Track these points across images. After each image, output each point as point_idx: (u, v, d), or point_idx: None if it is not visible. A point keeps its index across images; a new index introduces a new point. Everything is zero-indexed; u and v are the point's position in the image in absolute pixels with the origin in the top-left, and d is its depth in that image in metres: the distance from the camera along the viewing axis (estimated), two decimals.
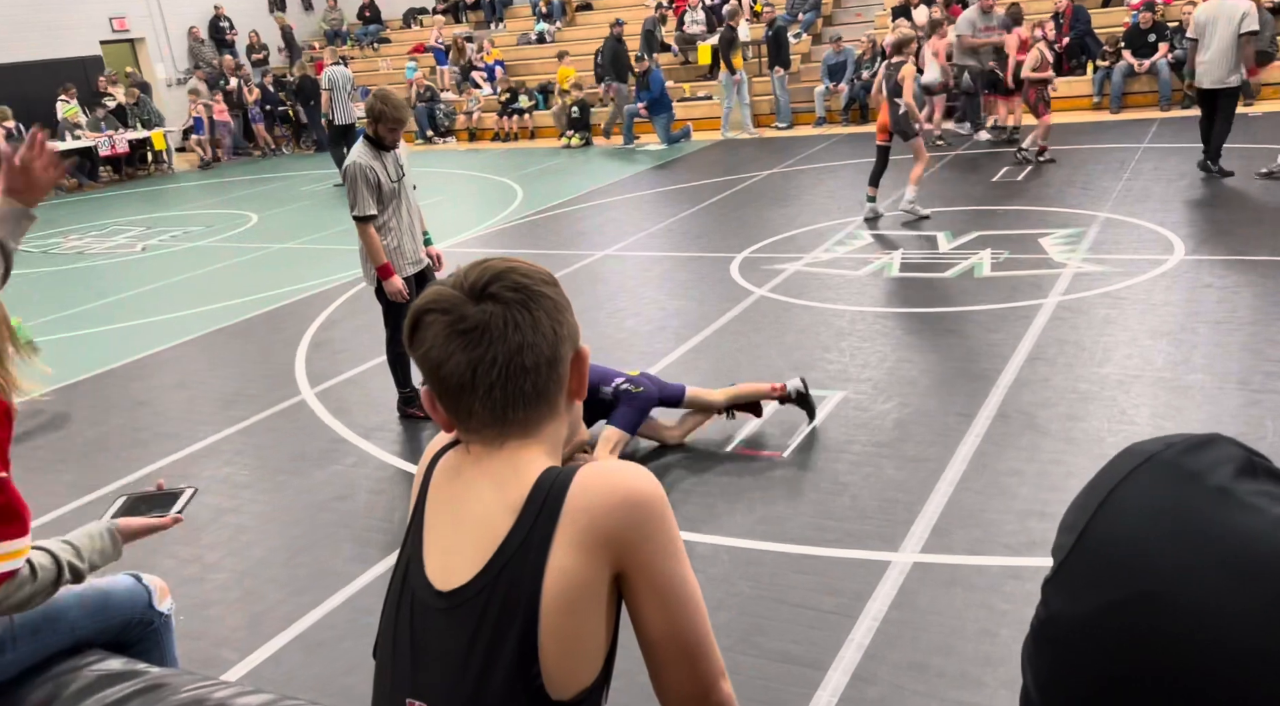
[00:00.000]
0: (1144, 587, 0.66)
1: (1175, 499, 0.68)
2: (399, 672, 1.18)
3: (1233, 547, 0.65)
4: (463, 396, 1.18)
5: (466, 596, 1.14)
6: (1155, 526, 0.68)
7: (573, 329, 1.24)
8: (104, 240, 10.89)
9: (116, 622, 1.93)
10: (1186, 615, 0.64)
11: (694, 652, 1.18)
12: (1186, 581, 0.65)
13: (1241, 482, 0.68)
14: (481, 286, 1.18)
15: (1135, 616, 0.67)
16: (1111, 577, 0.68)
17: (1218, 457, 0.70)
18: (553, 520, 1.13)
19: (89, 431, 5.27)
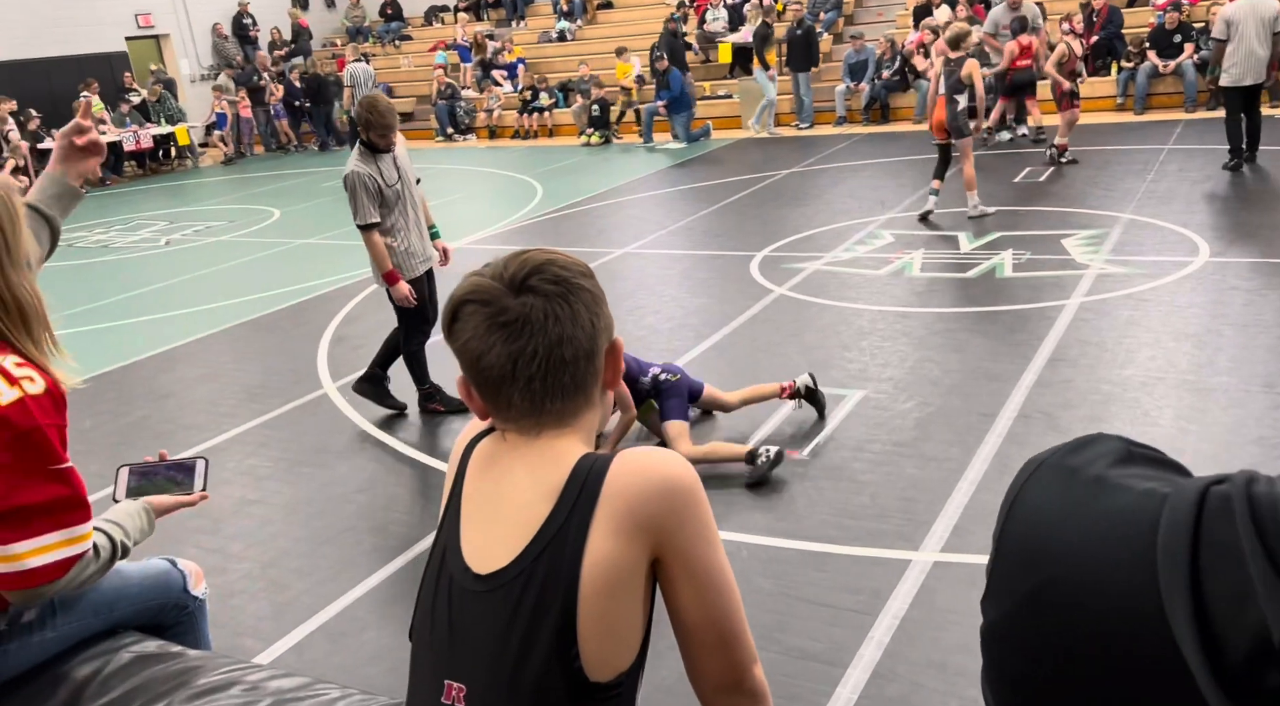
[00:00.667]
0: (1044, 577, 0.75)
1: (1060, 494, 0.77)
2: (437, 655, 1.20)
3: (1107, 523, 0.73)
4: (502, 387, 1.19)
5: (505, 579, 1.16)
6: (1047, 521, 0.77)
7: (608, 321, 1.26)
8: (128, 234, 11.00)
9: (154, 605, 1.97)
10: (1080, 591, 0.72)
11: (728, 638, 1.20)
12: (1075, 562, 0.73)
13: (1115, 470, 0.76)
14: (522, 279, 1.19)
15: (1043, 604, 0.75)
16: (1020, 575, 0.77)
17: (1096, 452, 0.78)
18: (591, 505, 1.15)
19: (114, 423, 5.33)
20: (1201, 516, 0.68)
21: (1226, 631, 0.65)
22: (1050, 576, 0.75)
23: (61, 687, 1.68)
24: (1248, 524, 0.65)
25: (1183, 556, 0.67)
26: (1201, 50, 12.30)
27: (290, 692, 1.60)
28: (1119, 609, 0.70)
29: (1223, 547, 0.66)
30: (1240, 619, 0.64)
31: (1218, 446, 3.86)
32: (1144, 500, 0.72)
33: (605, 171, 12.52)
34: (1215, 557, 0.66)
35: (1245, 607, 0.64)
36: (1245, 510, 0.66)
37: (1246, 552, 0.65)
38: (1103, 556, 0.72)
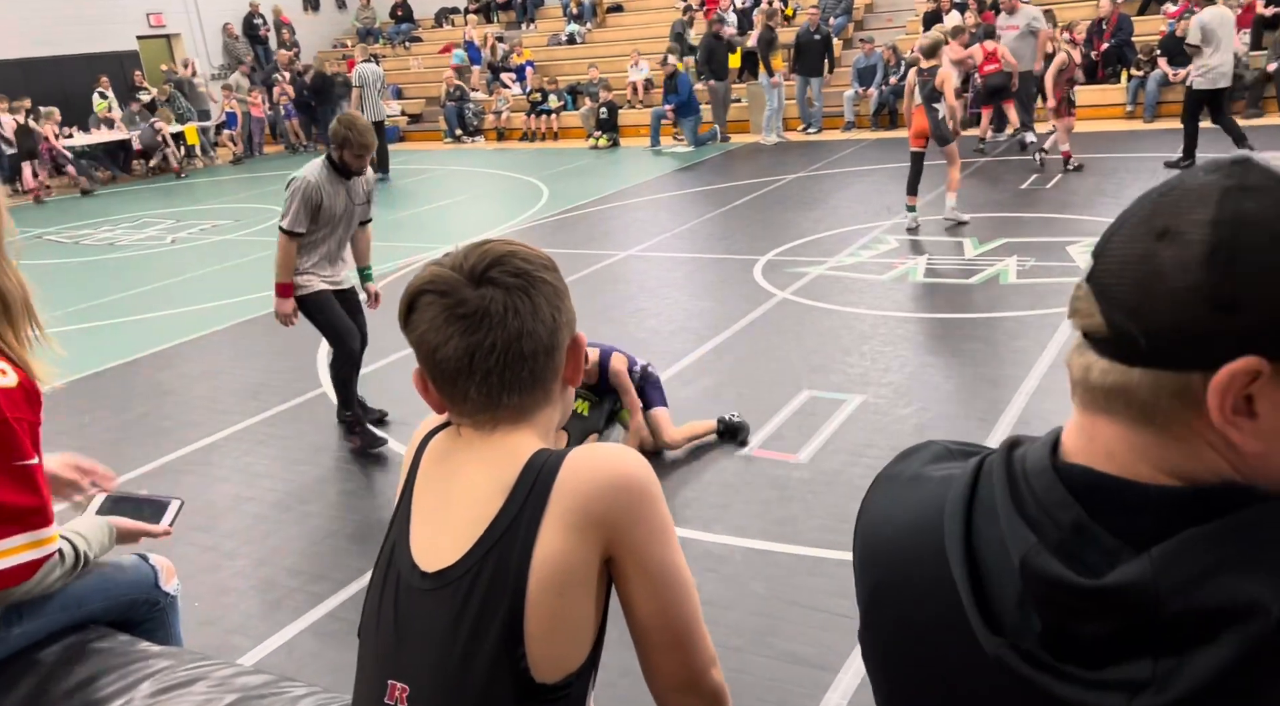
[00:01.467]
0: (876, 578, 0.82)
1: (887, 497, 0.84)
2: (382, 654, 1.18)
3: (913, 511, 0.80)
4: (458, 381, 1.17)
5: (452, 577, 1.13)
6: (875, 528, 0.83)
7: (570, 315, 1.23)
8: (135, 232, 11.03)
9: (123, 601, 1.95)
10: (898, 583, 0.78)
11: (684, 638, 1.17)
12: (892, 557, 0.80)
13: (930, 467, 0.83)
14: (482, 270, 1.16)
15: (877, 606, 0.81)
16: (862, 583, 0.84)
17: (920, 456, 0.86)
18: (543, 501, 1.12)
19: (113, 419, 5.33)
20: (977, 483, 0.76)
21: (995, 581, 0.71)
22: (878, 579, 0.82)
23: (24, 682, 1.67)
24: (1002, 480, 0.73)
25: (959, 520, 0.75)
26: None
27: (255, 689, 1.58)
28: (926, 588, 0.76)
29: (987, 506, 0.74)
30: (1004, 568, 0.70)
31: None
32: (941, 485, 0.79)
33: (612, 174, 12.52)
34: (984, 517, 0.74)
35: (1005, 557, 0.70)
36: (1002, 471, 0.74)
37: (999, 505, 0.72)
38: (911, 543, 0.78)
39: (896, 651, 0.80)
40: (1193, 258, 0.62)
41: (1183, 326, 0.63)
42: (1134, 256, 0.65)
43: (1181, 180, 0.67)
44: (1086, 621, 0.65)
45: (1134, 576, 0.63)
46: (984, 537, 0.73)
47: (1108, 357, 0.67)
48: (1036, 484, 0.71)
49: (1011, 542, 0.70)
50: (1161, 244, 0.64)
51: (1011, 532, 0.70)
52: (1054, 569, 0.66)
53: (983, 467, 0.77)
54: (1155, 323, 0.64)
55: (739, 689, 2.78)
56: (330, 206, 4.43)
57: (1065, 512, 0.68)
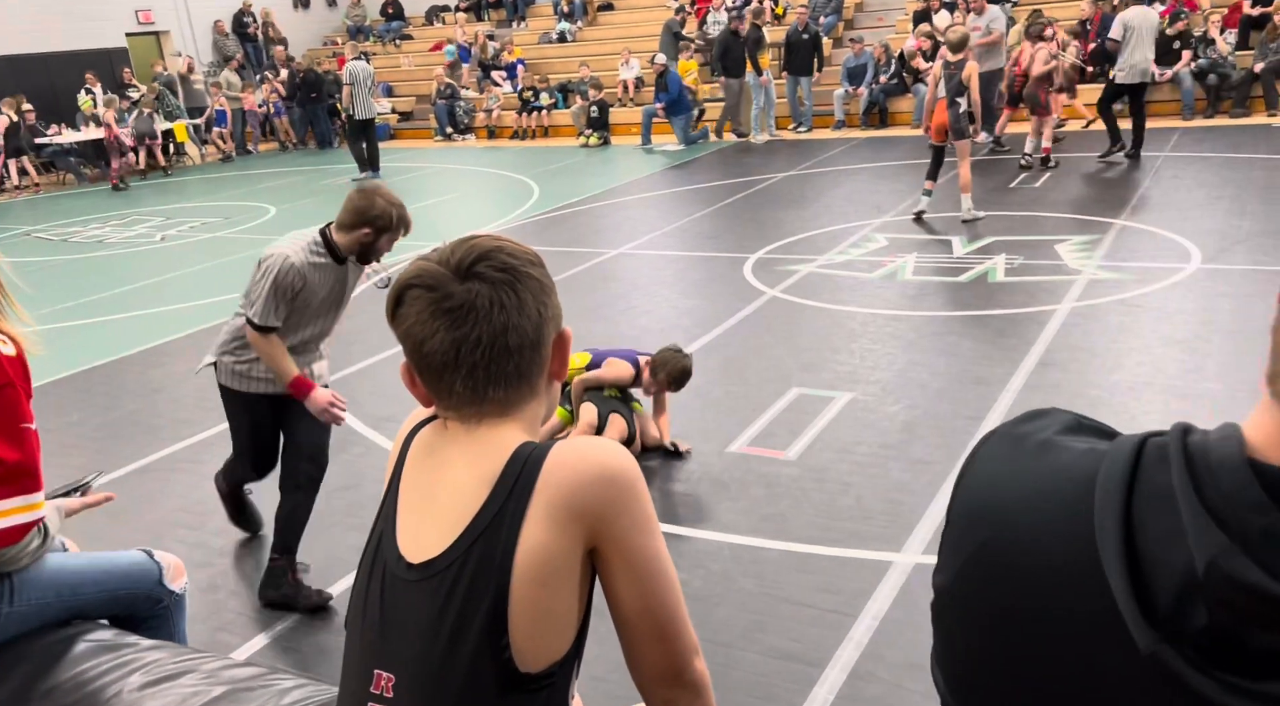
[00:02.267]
0: (982, 538, 0.77)
1: (1007, 459, 0.79)
2: (368, 644, 1.19)
3: (1047, 481, 0.75)
4: (444, 374, 1.18)
5: (437, 568, 1.15)
6: (991, 485, 0.79)
7: (557, 310, 1.24)
8: (123, 230, 10.99)
9: (123, 595, 1.95)
10: (1015, 548, 0.74)
11: (667, 629, 1.19)
12: (1013, 520, 0.75)
13: (1063, 436, 0.78)
14: (468, 265, 1.18)
15: (982, 566, 0.76)
16: (962, 540, 0.79)
17: (1046, 422, 0.81)
18: (527, 493, 1.14)
19: (102, 416, 5.32)
20: (1139, 465, 0.71)
21: (1156, 573, 0.67)
22: (988, 537, 0.76)
23: (14, 674, 1.67)
24: (1181, 468, 0.68)
25: (1117, 503, 0.69)
26: (1199, 59, 12.32)
27: (244, 681, 1.59)
28: (1055, 562, 0.71)
29: (1157, 493, 0.68)
30: (1170, 560, 0.66)
31: None
32: (1084, 457, 0.74)
33: (602, 172, 12.52)
34: (1149, 503, 0.68)
35: (1174, 549, 0.66)
36: (1180, 457, 0.69)
37: (1179, 495, 0.67)
38: (1040, 511, 0.74)
39: (1001, 621, 0.75)
40: None
41: None
42: None
43: None
44: (1269, 632, 0.63)
45: None
46: (1147, 525, 0.68)
47: None
48: (1226, 481, 0.66)
49: (1195, 538, 0.65)
50: None
51: (1196, 527, 0.65)
52: (1255, 576, 0.62)
53: (1144, 450, 0.72)
54: None
55: (728, 684, 2.80)
56: (311, 293, 3.27)
57: (1259, 516, 0.64)
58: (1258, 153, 9.04)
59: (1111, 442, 0.75)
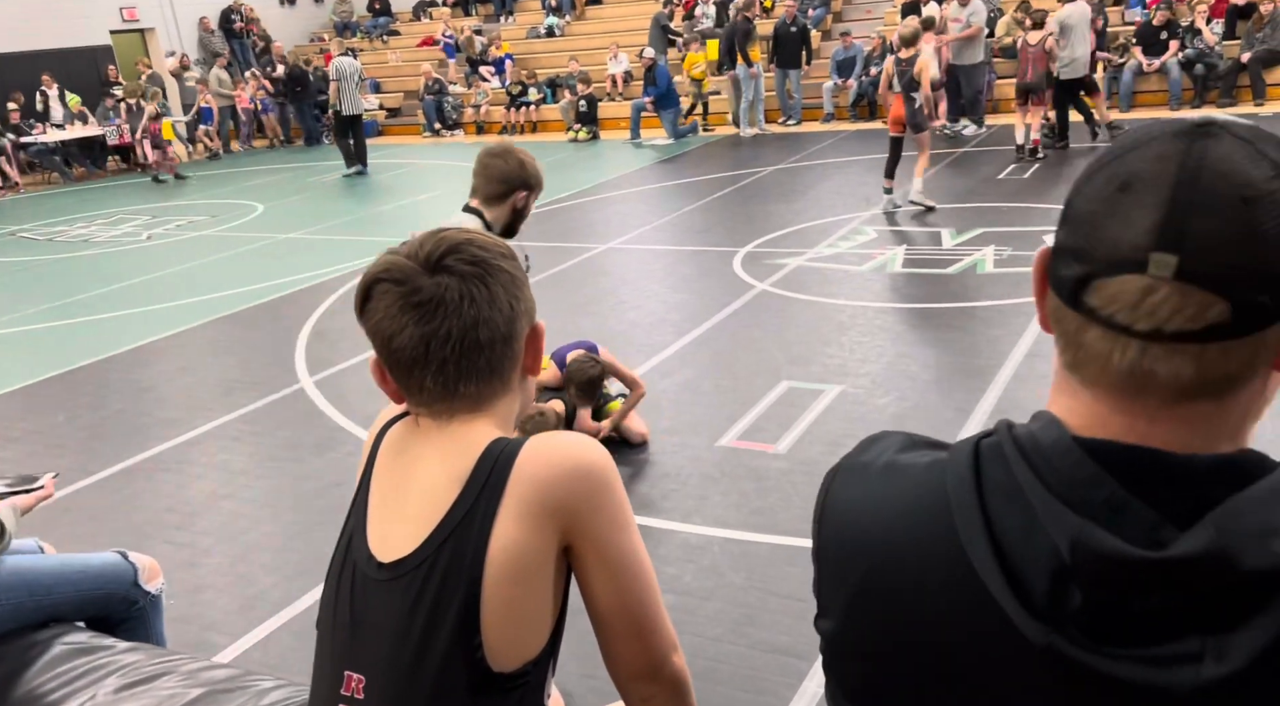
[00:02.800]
0: (862, 571, 0.78)
1: (859, 489, 0.81)
2: (338, 644, 1.18)
3: (903, 501, 0.77)
4: (414, 370, 1.16)
5: (408, 568, 1.13)
6: (853, 518, 0.80)
7: (529, 304, 1.22)
8: (110, 229, 10.92)
9: (98, 595, 1.93)
10: (897, 571, 0.75)
11: (644, 625, 1.17)
12: (886, 543, 0.77)
13: (902, 455, 0.82)
14: (438, 258, 1.15)
15: (868, 598, 0.78)
16: (841, 578, 0.80)
17: (883, 446, 0.84)
18: (499, 490, 1.12)
19: (88, 416, 5.29)
20: (980, 468, 0.74)
21: (1025, 566, 0.69)
22: (866, 568, 0.78)
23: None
24: (1020, 462, 0.71)
25: (972, 505, 0.72)
26: (1187, 49, 12.34)
27: (222, 683, 1.57)
28: (934, 576, 0.73)
29: (1003, 490, 0.71)
30: (1032, 548, 0.68)
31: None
32: (930, 471, 0.77)
33: (591, 167, 12.49)
34: (1000, 501, 0.71)
35: (1035, 540, 0.68)
36: (1014, 450, 0.72)
37: (1026, 488, 0.70)
38: (906, 531, 0.76)
39: (898, 646, 0.76)
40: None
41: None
42: (1232, 233, 0.65)
43: (1204, 160, 0.66)
44: (1144, 597, 0.65)
45: (1202, 544, 0.63)
46: (1001, 520, 0.70)
47: (1219, 340, 0.66)
48: (1061, 462, 0.70)
49: (1052, 523, 0.68)
50: (1254, 209, 0.64)
51: (1049, 513, 0.68)
52: (1115, 545, 0.65)
53: (980, 449, 0.74)
54: (1274, 280, 0.65)
55: (717, 678, 2.79)
56: None
57: (1098, 489, 0.67)
58: None
59: (949, 451, 0.77)
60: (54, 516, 4.13)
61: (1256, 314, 0.66)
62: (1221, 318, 0.65)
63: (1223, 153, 0.66)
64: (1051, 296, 0.75)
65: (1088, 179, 0.73)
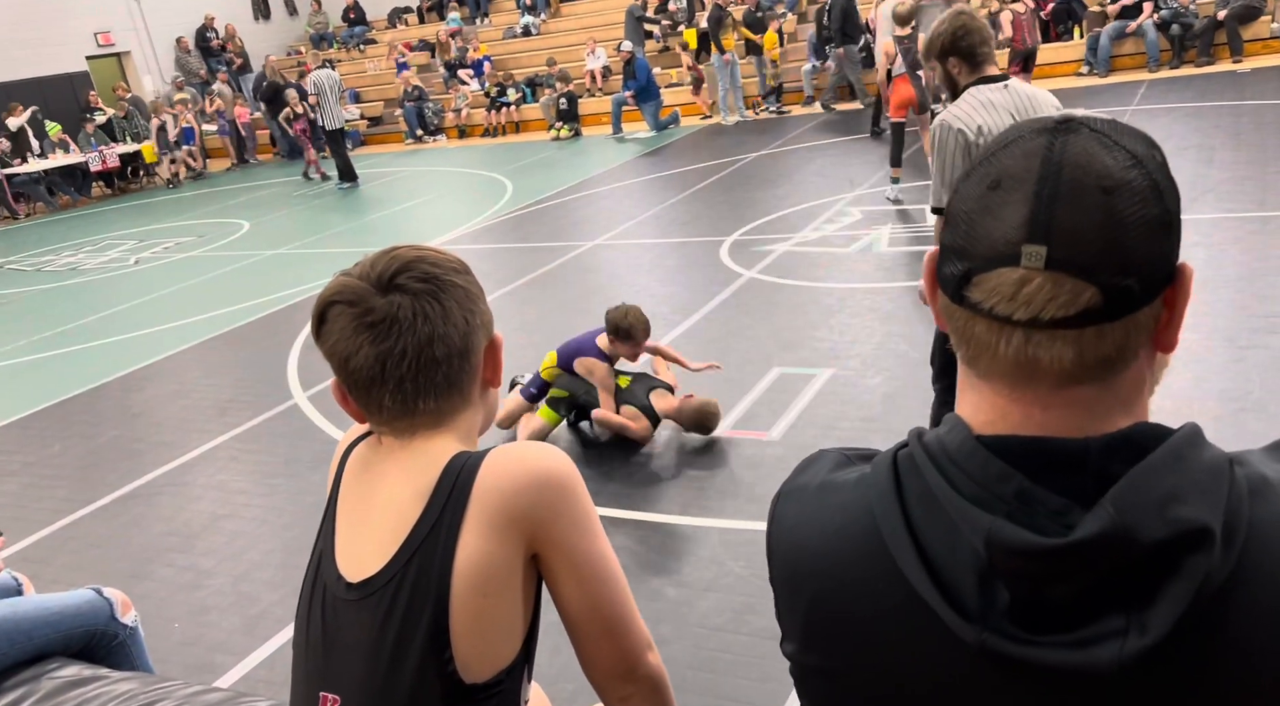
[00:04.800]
0: (811, 591, 0.80)
1: (798, 513, 0.83)
2: (312, 665, 1.18)
3: (835, 518, 0.79)
4: (372, 389, 1.17)
5: (376, 586, 1.14)
6: (795, 541, 0.82)
7: (486, 318, 1.23)
8: (97, 255, 10.91)
9: (79, 633, 1.94)
10: (840, 589, 0.77)
11: (616, 627, 1.19)
12: (826, 564, 0.79)
13: (835, 473, 0.84)
14: (390, 277, 1.16)
15: (818, 619, 0.80)
16: (794, 600, 0.82)
17: (818, 468, 0.86)
18: (463, 503, 1.13)
19: (83, 445, 5.29)
20: (899, 479, 0.75)
21: (950, 568, 0.71)
22: (813, 591, 0.80)
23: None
24: (931, 469, 0.73)
25: (896, 517, 0.74)
26: (1161, 10, 12.33)
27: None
28: (871, 590, 0.75)
29: (922, 499, 0.74)
30: (955, 552, 0.70)
31: (1179, 402, 3.87)
32: (858, 487, 0.79)
33: (575, 165, 12.48)
34: (920, 509, 0.74)
35: (955, 540, 0.71)
36: (925, 457, 0.74)
37: (939, 494, 0.72)
38: (842, 550, 0.78)
39: (851, 664, 0.78)
40: (1144, 195, 0.69)
41: (1154, 257, 0.69)
42: (1095, 221, 0.68)
43: (1064, 154, 0.70)
44: (1060, 583, 0.67)
45: (1102, 524, 0.65)
46: (924, 527, 0.73)
47: (1094, 324, 0.69)
48: (968, 463, 0.72)
49: (965, 524, 0.70)
50: (1113, 198, 0.68)
51: (962, 515, 0.70)
52: (1023, 538, 0.67)
53: (898, 461, 0.77)
54: (1137, 264, 0.68)
55: (720, 668, 2.80)
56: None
57: (1006, 484, 0.69)
58: (1224, 100, 9.06)
59: (871, 465, 0.79)
60: (56, 546, 4.14)
61: (1125, 297, 0.68)
62: (1093, 303, 0.68)
63: (1081, 146, 0.70)
64: (941, 295, 0.77)
65: (964, 179, 0.75)
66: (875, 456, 0.83)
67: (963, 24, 3.00)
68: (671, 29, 16.39)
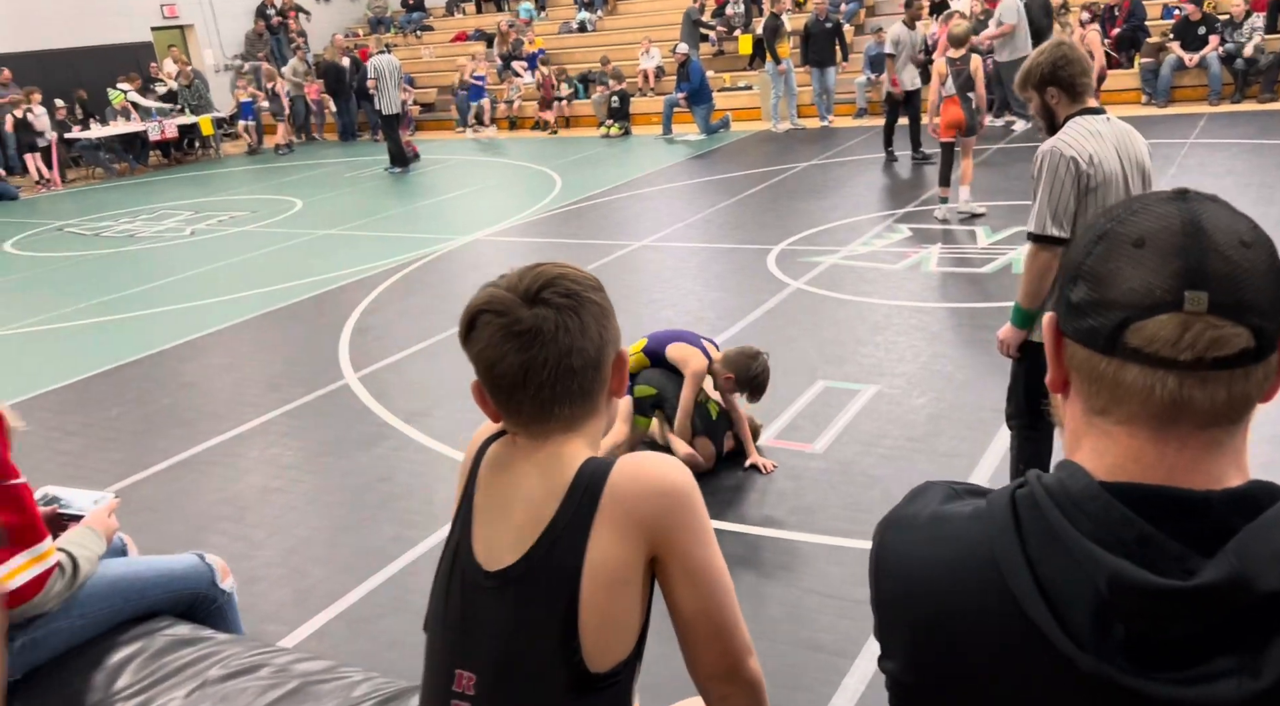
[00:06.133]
0: (919, 614, 0.86)
1: (910, 541, 0.89)
2: (449, 645, 1.27)
3: (949, 548, 0.85)
4: (514, 393, 1.27)
5: (513, 575, 1.23)
6: (906, 567, 0.89)
7: (616, 333, 1.32)
8: (153, 224, 11.15)
9: (185, 595, 2.07)
10: (950, 614, 0.83)
11: (723, 631, 1.27)
12: (939, 590, 0.85)
13: (946, 505, 0.89)
14: (535, 291, 1.26)
15: (927, 640, 0.85)
16: (900, 621, 0.88)
17: (927, 499, 0.92)
18: (593, 506, 1.22)
19: (138, 411, 5.44)
20: (1018, 516, 0.81)
21: (1067, 601, 0.77)
22: (921, 615, 0.85)
23: (101, 668, 1.80)
24: (1051, 507, 0.80)
25: (1015, 551, 0.80)
26: (1226, 43, 12.19)
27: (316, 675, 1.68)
28: (984, 617, 0.81)
29: (1041, 536, 0.80)
30: (1073, 587, 0.77)
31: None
32: (973, 521, 0.85)
33: (624, 163, 12.56)
34: (1038, 546, 0.80)
35: (1073, 576, 0.77)
36: (1048, 500, 0.80)
37: (1061, 533, 0.78)
38: (956, 578, 0.83)
39: (957, 682, 0.84)
40: (1272, 250, 0.80)
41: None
42: (1243, 269, 0.77)
43: (1199, 216, 0.80)
44: (1177, 624, 0.72)
45: (1225, 572, 0.71)
46: (1042, 562, 0.79)
47: (1245, 365, 0.77)
48: (1090, 506, 0.78)
49: (1089, 563, 0.76)
50: (1252, 251, 0.78)
51: (1085, 555, 0.76)
52: (1148, 579, 0.72)
53: (1016, 500, 0.83)
54: (1277, 309, 0.78)
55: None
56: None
57: (1128, 529, 0.76)
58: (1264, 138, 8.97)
59: (987, 502, 0.85)
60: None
61: (1268, 339, 0.77)
62: (1247, 343, 0.77)
63: (1211, 210, 0.80)
64: (1078, 350, 0.83)
65: (1094, 243, 0.82)
66: (986, 492, 0.89)
67: (1063, 54, 2.99)
68: (727, 34, 16.43)
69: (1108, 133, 3.01)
